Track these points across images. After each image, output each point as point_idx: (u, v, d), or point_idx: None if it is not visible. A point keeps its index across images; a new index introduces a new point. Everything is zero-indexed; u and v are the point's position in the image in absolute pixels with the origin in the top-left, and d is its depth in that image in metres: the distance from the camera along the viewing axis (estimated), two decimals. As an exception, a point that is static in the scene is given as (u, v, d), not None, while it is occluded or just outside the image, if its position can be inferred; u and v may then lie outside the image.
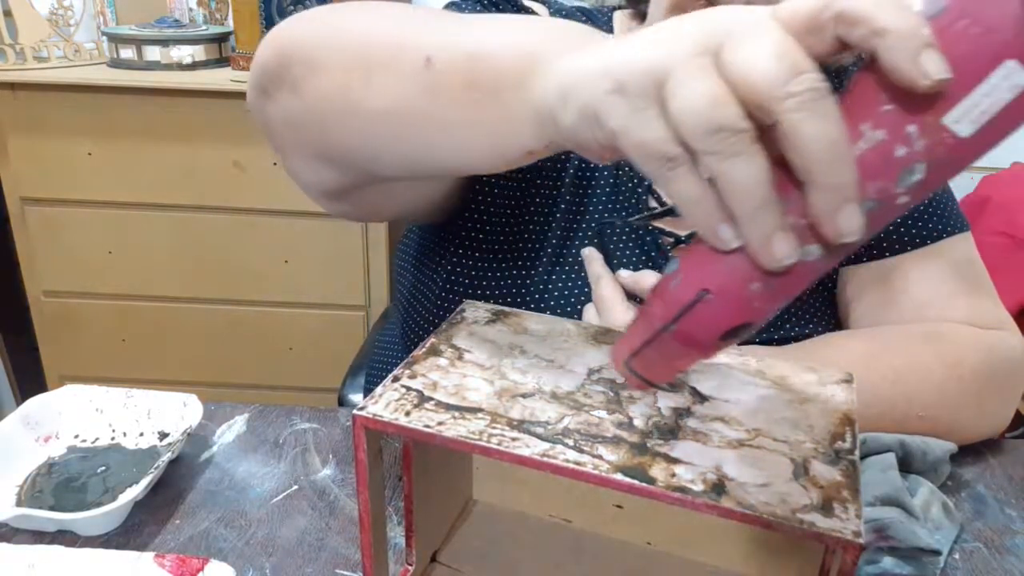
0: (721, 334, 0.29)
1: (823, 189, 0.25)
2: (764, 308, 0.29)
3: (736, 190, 0.26)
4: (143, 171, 1.49)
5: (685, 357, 0.31)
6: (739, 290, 0.28)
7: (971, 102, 0.23)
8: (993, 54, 0.23)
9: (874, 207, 0.26)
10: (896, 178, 0.25)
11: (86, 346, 1.63)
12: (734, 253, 0.28)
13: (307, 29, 0.48)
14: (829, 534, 0.28)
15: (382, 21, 0.45)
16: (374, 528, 0.38)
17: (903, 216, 0.68)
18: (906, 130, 0.25)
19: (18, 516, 0.50)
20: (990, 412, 0.64)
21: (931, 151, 0.24)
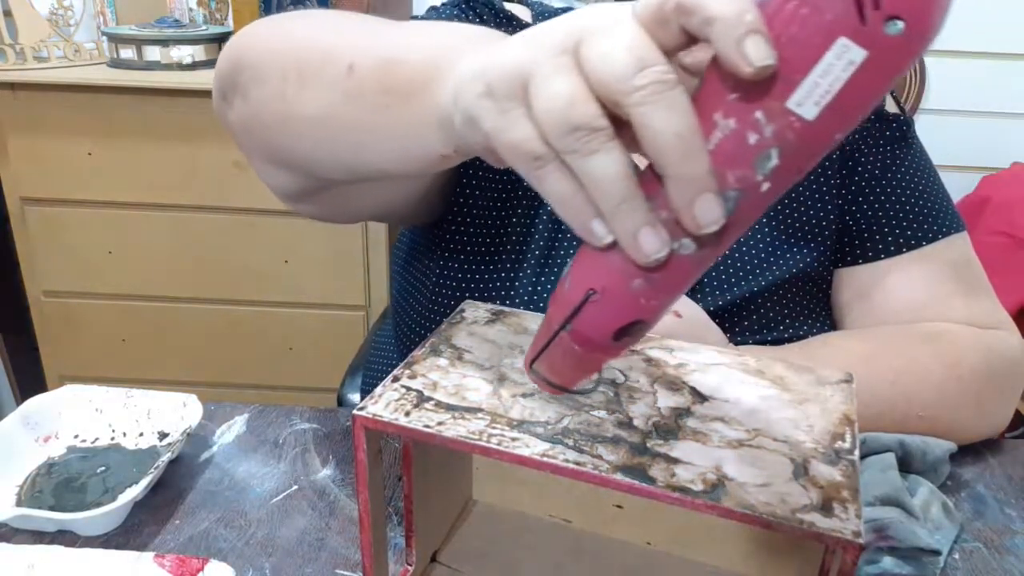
0: (613, 333, 0.29)
1: (677, 180, 0.25)
2: (652, 305, 0.28)
3: (598, 187, 0.27)
4: (143, 171, 1.49)
5: (587, 359, 0.31)
6: (622, 288, 0.28)
7: (810, 83, 0.23)
8: (825, 33, 0.23)
9: (738, 196, 0.25)
10: (752, 165, 0.25)
11: (86, 346, 1.63)
12: (614, 251, 0.28)
13: (256, 37, 0.50)
14: (829, 534, 0.28)
15: (320, 29, 0.46)
16: (374, 528, 0.38)
17: (899, 218, 0.68)
18: (754, 116, 0.24)
19: (18, 516, 0.50)
20: (989, 412, 0.64)
21: (781, 136, 0.24)
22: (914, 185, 0.70)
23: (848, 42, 0.22)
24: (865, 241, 0.69)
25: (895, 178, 0.70)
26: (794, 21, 0.23)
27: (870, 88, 0.23)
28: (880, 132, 0.71)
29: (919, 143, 0.73)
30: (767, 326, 0.66)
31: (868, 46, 0.22)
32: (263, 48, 0.49)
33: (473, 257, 0.67)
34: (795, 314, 0.68)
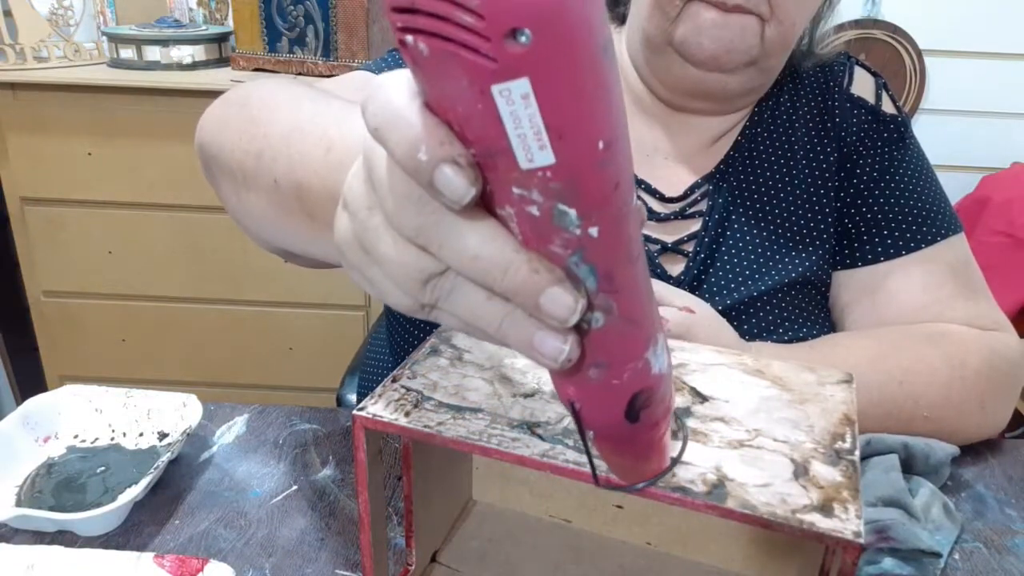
0: (622, 420, 0.27)
1: (511, 296, 0.24)
2: (628, 377, 0.26)
3: (472, 322, 0.26)
4: (143, 171, 1.49)
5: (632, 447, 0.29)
6: (587, 385, 0.26)
7: (517, 141, 0.20)
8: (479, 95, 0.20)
9: (580, 254, 0.23)
10: (556, 226, 0.22)
11: (86, 346, 1.63)
12: None
13: (211, 128, 0.52)
14: (829, 534, 0.28)
15: (255, 123, 0.46)
16: (374, 528, 0.38)
17: (897, 220, 0.68)
18: (514, 194, 0.22)
19: (18, 516, 0.50)
20: (991, 412, 0.64)
21: (547, 190, 0.21)
22: (912, 187, 0.70)
23: (500, 87, 0.19)
24: (864, 244, 0.69)
25: (893, 180, 0.70)
26: (455, 102, 0.21)
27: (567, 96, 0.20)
28: (877, 134, 0.71)
29: (916, 144, 0.73)
30: (767, 330, 0.66)
31: (514, 75, 0.19)
32: (217, 139, 0.50)
33: None
34: (794, 317, 0.68)
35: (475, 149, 0.22)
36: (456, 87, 0.20)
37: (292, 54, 1.52)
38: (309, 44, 1.51)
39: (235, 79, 1.44)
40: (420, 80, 0.22)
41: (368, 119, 0.23)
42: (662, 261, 0.68)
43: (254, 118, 0.47)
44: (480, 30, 0.18)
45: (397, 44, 0.21)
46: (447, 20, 0.19)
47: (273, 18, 1.50)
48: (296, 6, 1.48)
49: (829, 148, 0.70)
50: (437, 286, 0.25)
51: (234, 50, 1.56)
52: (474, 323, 0.26)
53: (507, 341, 0.25)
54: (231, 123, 0.49)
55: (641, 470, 0.29)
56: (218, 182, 0.52)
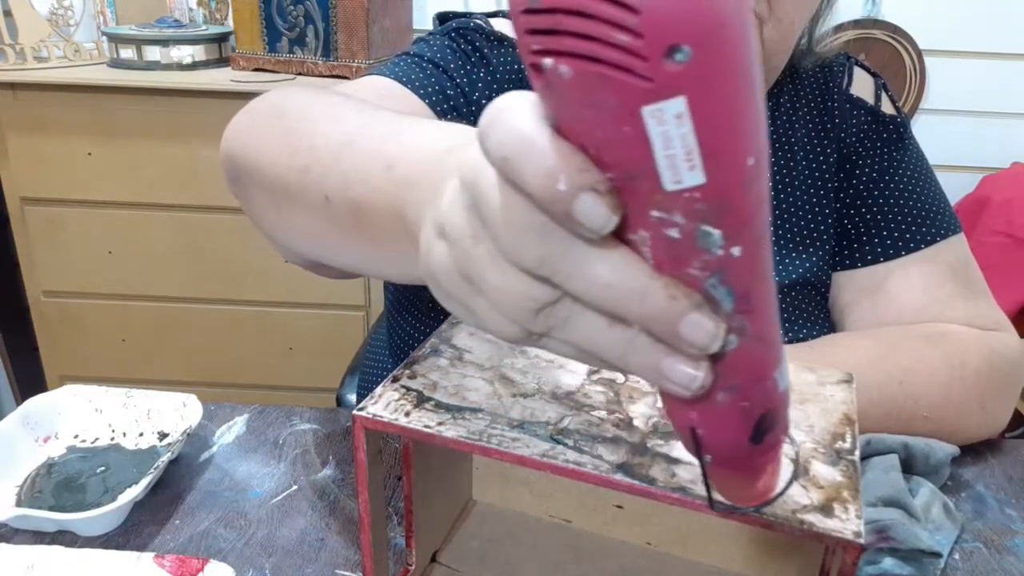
0: (747, 443, 0.26)
1: (646, 324, 0.22)
2: (758, 397, 0.25)
3: (592, 352, 0.24)
4: (143, 171, 1.49)
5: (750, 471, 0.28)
6: (713, 410, 0.25)
7: (665, 162, 0.20)
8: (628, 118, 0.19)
9: (719, 276, 0.22)
10: (700, 248, 0.21)
11: (86, 346, 1.63)
12: None
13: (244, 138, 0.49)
14: (829, 534, 0.28)
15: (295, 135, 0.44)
16: (374, 528, 0.38)
17: (896, 221, 0.68)
18: (652, 217, 0.21)
19: (18, 516, 0.50)
20: (991, 412, 0.64)
21: (693, 211, 0.21)
22: (912, 187, 0.70)
23: (652, 107, 0.19)
24: (864, 244, 0.69)
25: (893, 180, 0.70)
26: (594, 125, 0.20)
27: (722, 114, 0.19)
28: (877, 134, 0.71)
29: (916, 144, 0.73)
30: None
31: (669, 94, 0.18)
32: (253, 153, 0.47)
33: None
34: (795, 318, 0.68)
35: (612, 173, 0.21)
36: (599, 110, 0.19)
37: (292, 54, 1.52)
38: (309, 44, 1.51)
39: (235, 79, 1.44)
40: (553, 104, 0.20)
41: (492, 148, 0.21)
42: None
43: (294, 130, 0.44)
44: (637, 49, 0.18)
45: (528, 67, 0.20)
46: (598, 40, 0.18)
47: (273, 18, 1.50)
48: (296, 6, 1.48)
49: (829, 149, 0.70)
50: (551, 315, 0.24)
51: (234, 50, 1.56)
52: (592, 351, 0.24)
53: (630, 368, 0.24)
54: (267, 135, 0.46)
55: (751, 490, 0.29)
56: (250, 195, 0.49)
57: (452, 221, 0.25)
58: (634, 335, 0.23)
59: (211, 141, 1.45)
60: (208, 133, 1.45)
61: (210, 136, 1.45)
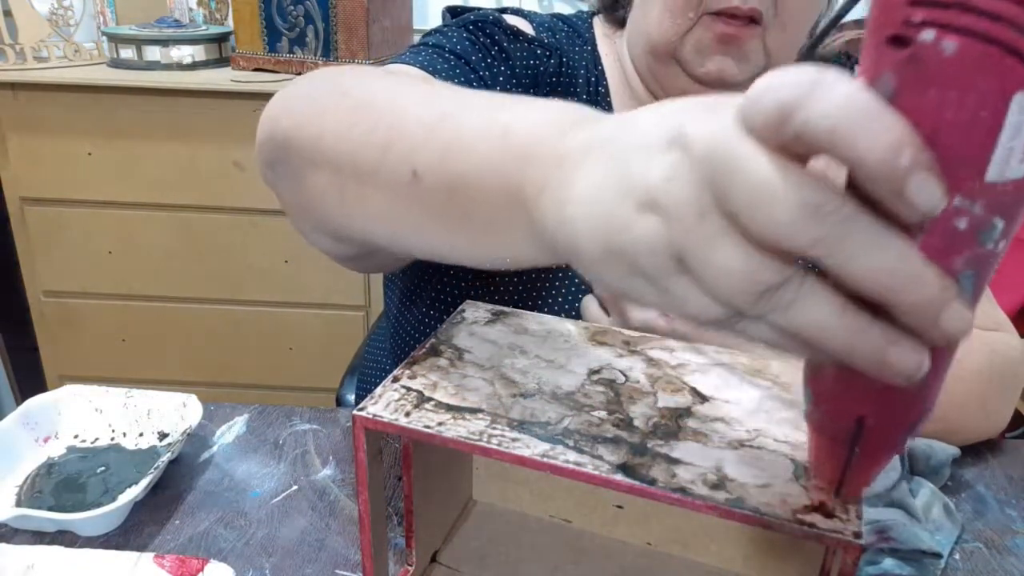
0: (906, 433, 0.26)
1: (910, 312, 0.22)
2: (931, 395, 0.26)
3: (812, 335, 0.23)
4: (143, 171, 1.49)
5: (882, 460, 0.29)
6: (899, 396, 0.25)
7: (1003, 152, 0.20)
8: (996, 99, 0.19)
9: (973, 274, 0.22)
10: (976, 242, 0.22)
11: (86, 346, 1.63)
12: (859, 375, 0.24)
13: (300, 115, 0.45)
14: (829, 535, 0.28)
15: (371, 110, 0.41)
16: (374, 528, 0.38)
17: None
18: (953, 205, 0.21)
19: (18, 516, 0.50)
20: (992, 412, 0.64)
21: (995, 205, 0.21)
22: None
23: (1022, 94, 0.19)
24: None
25: None
26: (949, 107, 0.20)
27: None
28: None
29: None
30: None
31: None
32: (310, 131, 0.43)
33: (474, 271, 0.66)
34: None
35: (937, 155, 0.20)
36: (966, 91, 0.19)
37: (292, 54, 1.52)
38: (309, 44, 1.51)
39: (235, 79, 1.44)
40: (905, 79, 0.20)
41: (815, 118, 0.20)
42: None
43: (369, 105, 0.41)
44: None
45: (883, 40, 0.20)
46: (1003, 21, 0.18)
47: (273, 18, 1.50)
48: (296, 6, 1.48)
49: None
50: (774, 298, 0.23)
51: (234, 50, 1.56)
52: (813, 336, 0.23)
53: (851, 355, 0.23)
54: (333, 112, 0.43)
55: (870, 476, 0.29)
56: (303, 178, 0.45)
57: (673, 195, 0.23)
58: (868, 324, 0.23)
59: (211, 141, 1.45)
60: (208, 133, 1.45)
61: (210, 136, 1.45)
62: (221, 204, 1.51)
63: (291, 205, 0.48)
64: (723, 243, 0.23)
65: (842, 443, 0.27)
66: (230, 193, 1.50)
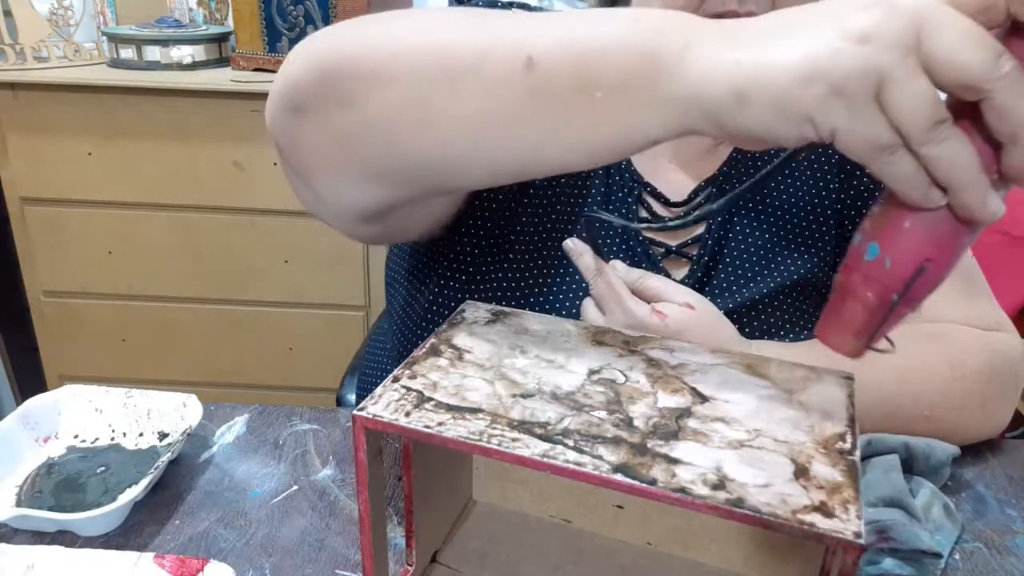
0: (935, 286, 0.34)
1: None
2: (957, 260, 0.33)
3: (955, 166, 0.30)
4: (143, 171, 1.49)
5: (897, 320, 0.35)
6: (951, 252, 0.33)
7: None
8: None
9: None
10: None
11: (86, 346, 1.63)
12: (940, 222, 0.32)
13: (355, 41, 0.44)
14: (829, 535, 0.28)
15: (447, 25, 0.42)
16: (374, 528, 0.38)
17: None
18: None
19: (18, 516, 0.50)
20: (992, 412, 0.64)
21: None
22: None
23: None
24: None
25: None
26: None
27: None
28: None
29: None
30: (770, 331, 0.66)
31: None
32: (376, 51, 0.42)
33: (477, 271, 0.66)
34: (795, 319, 0.68)
35: None
36: None
37: (292, 54, 1.52)
38: (309, 44, 1.51)
39: (235, 79, 1.44)
40: None
41: None
42: (666, 264, 0.67)
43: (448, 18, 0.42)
44: None
45: None
46: None
47: (273, 18, 1.50)
48: (296, 6, 1.48)
49: (830, 150, 0.70)
50: (942, 131, 0.30)
51: (234, 50, 1.56)
52: (950, 168, 0.31)
53: (968, 192, 0.31)
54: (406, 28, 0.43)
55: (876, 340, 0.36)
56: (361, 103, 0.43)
57: (887, 32, 0.30)
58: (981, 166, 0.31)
59: (211, 141, 1.45)
60: (208, 133, 1.45)
61: (210, 136, 1.45)
62: (221, 204, 1.51)
63: (321, 146, 0.46)
64: (921, 77, 0.30)
65: (886, 295, 0.34)
66: (230, 193, 1.50)
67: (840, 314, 0.36)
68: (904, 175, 0.31)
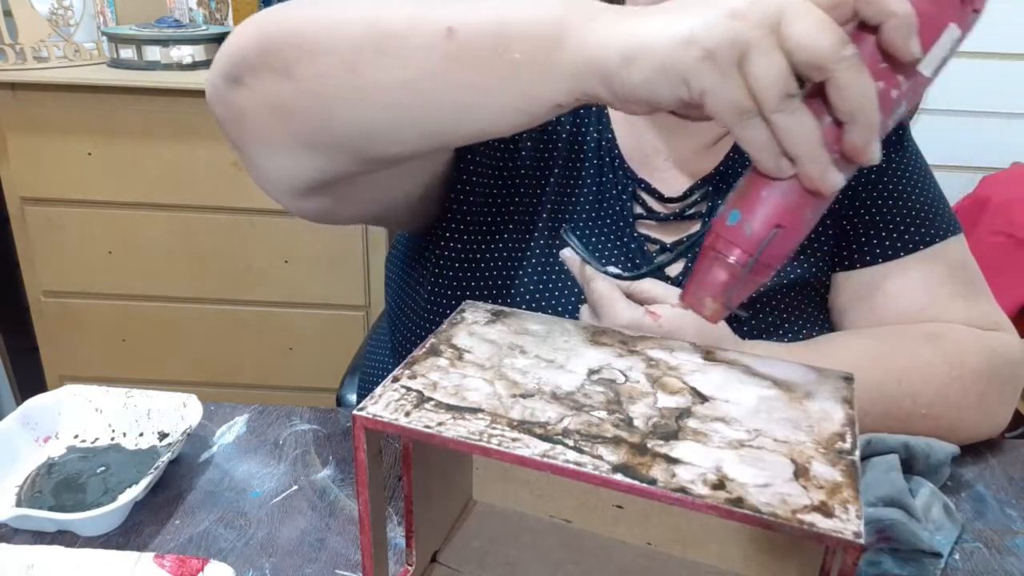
0: (789, 253, 0.38)
1: (864, 127, 0.35)
2: (808, 229, 0.38)
3: (800, 137, 0.35)
4: (143, 171, 1.49)
5: (756, 287, 0.39)
6: (800, 219, 0.37)
7: (933, 54, 0.35)
8: (943, 21, 0.35)
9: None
10: (890, 114, 0.36)
11: (86, 346, 1.63)
12: (790, 192, 0.37)
13: (295, 15, 0.48)
14: (829, 535, 0.28)
15: (383, 3, 0.45)
16: (374, 528, 0.38)
17: (896, 222, 0.69)
18: (898, 79, 0.36)
19: (18, 516, 0.50)
20: (991, 412, 0.64)
21: (910, 91, 0.36)
22: (911, 188, 0.70)
23: (955, 27, 0.35)
24: (863, 245, 0.70)
25: (892, 182, 0.70)
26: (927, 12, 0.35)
27: (954, 50, 0.36)
28: None
29: (915, 146, 0.73)
30: (766, 331, 0.66)
31: (964, 28, 0.36)
32: (314, 22, 0.46)
33: (469, 265, 0.67)
34: (793, 319, 0.68)
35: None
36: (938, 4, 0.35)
37: (292, 54, 1.52)
38: (309, 44, 1.51)
39: (235, 79, 1.44)
40: None
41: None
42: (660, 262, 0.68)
43: None
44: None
45: None
46: None
47: (273, 18, 1.50)
48: None
49: None
50: (792, 103, 0.35)
51: (234, 50, 1.56)
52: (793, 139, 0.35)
53: (810, 162, 0.35)
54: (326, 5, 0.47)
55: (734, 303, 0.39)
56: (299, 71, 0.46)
57: (756, 11, 0.34)
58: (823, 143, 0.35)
59: (211, 141, 1.45)
60: (208, 133, 1.45)
61: (210, 136, 1.45)
62: (221, 204, 1.51)
63: (259, 116, 0.49)
64: (778, 53, 0.34)
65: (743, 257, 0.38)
66: (230, 193, 1.50)
67: (704, 276, 0.39)
68: (759, 140, 0.36)
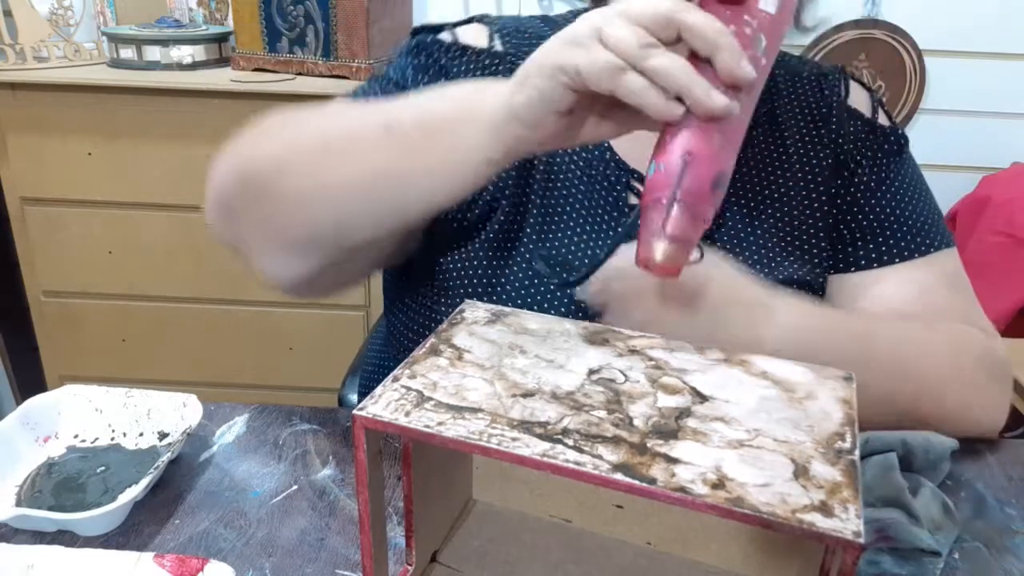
0: (711, 184, 0.42)
1: (725, 52, 0.40)
2: (727, 156, 0.43)
3: (672, 72, 0.40)
4: (143, 171, 1.49)
5: (695, 218, 0.42)
6: (709, 144, 0.41)
7: None
8: None
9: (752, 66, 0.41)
10: (751, 45, 0.42)
11: (86, 346, 1.63)
12: (691, 125, 0.42)
13: (260, 145, 0.58)
14: (829, 534, 0.28)
15: (328, 118, 0.56)
16: (374, 528, 0.38)
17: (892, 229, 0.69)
18: (743, 18, 0.43)
19: (18, 516, 0.50)
20: (990, 405, 0.64)
21: (762, 26, 0.43)
22: (908, 198, 0.71)
23: None
24: (858, 249, 0.70)
25: (890, 190, 0.71)
26: None
27: None
28: (877, 144, 0.71)
29: (913, 159, 0.74)
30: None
31: None
32: (277, 148, 0.56)
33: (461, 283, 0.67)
34: None
35: None
36: None
37: (292, 54, 1.52)
38: (309, 44, 1.51)
39: (235, 79, 1.44)
40: None
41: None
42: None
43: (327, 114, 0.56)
44: None
45: None
46: None
47: (273, 18, 1.50)
48: (296, 6, 1.48)
49: (823, 154, 0.71)
50: (654, 48, 0.41)
51: (234, 50, 1.56)
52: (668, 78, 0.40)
53: (691, 92, 0.40)
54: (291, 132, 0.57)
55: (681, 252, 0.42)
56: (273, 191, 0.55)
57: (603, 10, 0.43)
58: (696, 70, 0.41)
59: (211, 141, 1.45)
60: (208, 133, 1.45)
61: (210, 136, 1.45)
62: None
63: (251, 233, 0.59)
64: (626, 20, 0.42)
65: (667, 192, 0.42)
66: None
67: (644, 228, 0.43)
68: (639, 87, 0.41)
